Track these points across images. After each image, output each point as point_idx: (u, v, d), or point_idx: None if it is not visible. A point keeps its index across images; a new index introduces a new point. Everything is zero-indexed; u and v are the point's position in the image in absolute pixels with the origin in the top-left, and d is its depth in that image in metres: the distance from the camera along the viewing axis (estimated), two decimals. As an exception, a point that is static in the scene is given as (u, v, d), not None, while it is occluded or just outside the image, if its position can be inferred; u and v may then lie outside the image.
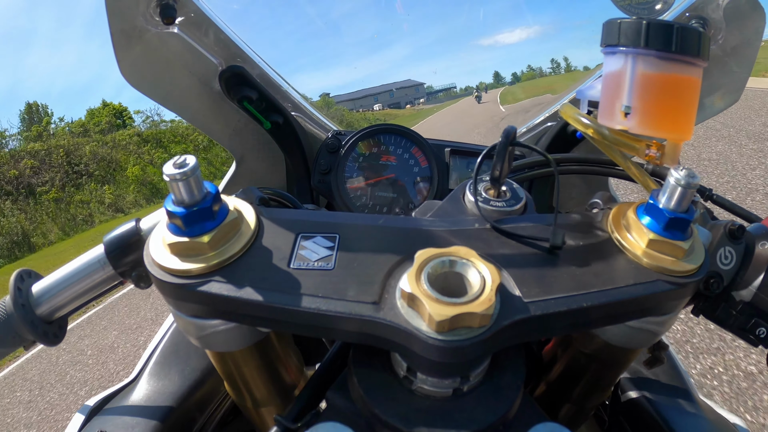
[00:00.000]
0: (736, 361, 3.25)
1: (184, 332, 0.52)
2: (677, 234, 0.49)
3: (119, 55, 0.87)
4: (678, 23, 0.48)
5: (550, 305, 0.44)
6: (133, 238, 0.60)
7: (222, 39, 1.02)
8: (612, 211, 0.55)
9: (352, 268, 0.47)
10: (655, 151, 0.52)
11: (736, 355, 3.29)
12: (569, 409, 0.67)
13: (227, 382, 0.62)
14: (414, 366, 0.43)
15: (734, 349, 3.36)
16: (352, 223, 0.52)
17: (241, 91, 1.06)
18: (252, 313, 0.45)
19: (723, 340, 3.45)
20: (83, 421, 0.69)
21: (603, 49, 0.53)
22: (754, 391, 2.96)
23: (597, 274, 0.48)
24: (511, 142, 0.53)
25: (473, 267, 0.43)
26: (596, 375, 0.62)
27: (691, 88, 0.50)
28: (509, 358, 0.48)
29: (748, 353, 3.29)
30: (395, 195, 1.22)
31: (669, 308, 0.51)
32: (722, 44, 0.87)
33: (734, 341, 3.39)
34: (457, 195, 0.60)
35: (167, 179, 0.44)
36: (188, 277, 0.45)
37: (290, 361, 0.63)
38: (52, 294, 0.61)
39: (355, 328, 0.43)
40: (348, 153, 1.23)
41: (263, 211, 0.53)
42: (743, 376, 3.11)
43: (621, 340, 0.55)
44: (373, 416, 0.44)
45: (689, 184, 0.47)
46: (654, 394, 0.75)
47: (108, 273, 0.62)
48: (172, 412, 0.71)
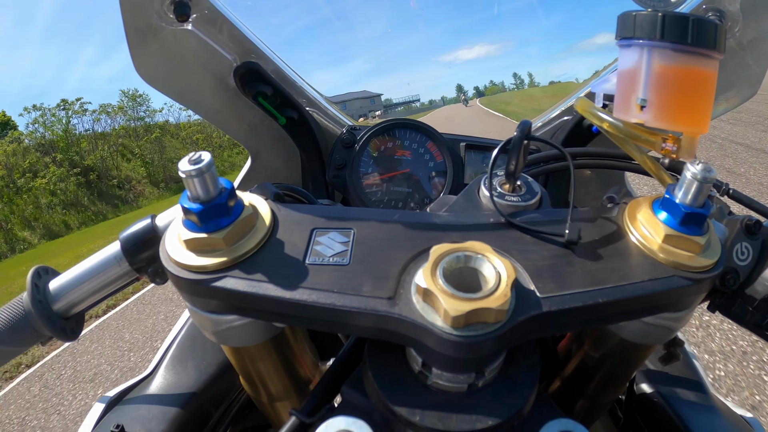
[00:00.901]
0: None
1: (200, 328, 0.53)
2: (693, 229, 0.48)
3: (134, 53, 0.88)
4: (694, 15, 0.47)
5: (566, 301, 0.44)
6: (148, 234, 0.61)
7: (236, 35, 1.03)
8: (628, 205, 0.54)
9: (368, 264, 0.47)
10: (672, 144, 0.52)
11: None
12: (584, 405, 0.67)
13: (243, 377, 0.62)
14: (429, 361, 0.44)
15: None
16: (367, 219, 0.52)
17: (256, 87, 1.06)
18: (267, 309, 0.45)
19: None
20: (101, 412, 0.71)
21: (618, 42, 0.53)
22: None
23: (612, 270, 0.48)
24: (527, 136, 0.53)
25: (488, 262, 0.43)
26: (611, 371, 0.62)
27: (707, 81, 0.50)
28: (524, 354, 0.48)
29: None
30: (410, 190, 1.22)
31: (685, 304, 0.50)
32: (739, 37, 0.86)
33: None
34: (472, 190, 0.60)
35: (183, 176, 0.44)
36: (204, 273, 0.45)
37: (305, 356, 0.64)
38: (69, 290, 0.62)
39: (371, 323, 0.44)
40: (363, 148, 1.22)
41: (278, 207, 0.53)
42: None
43: (636, 336, 0.55)
44: (389, 411, 0.44)
45: (706, 178, 0.46)
46: (669, 391, 0.75)
47: (124, 269, 0.63)
48: (188, 405, 0.72)
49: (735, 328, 3.55)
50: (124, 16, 0.84)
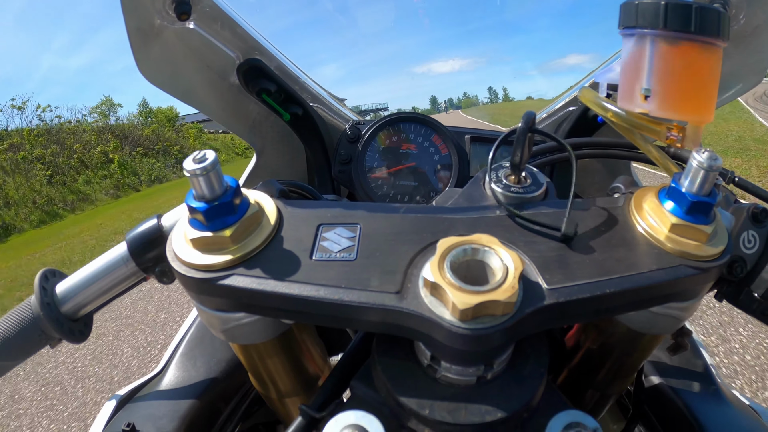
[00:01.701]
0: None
1: (208, 326, 0.53)
2: (700, 218, 0.48)
3: (137, 54, 0.88)
4: (697, 3, 0.47)
5: (573, 292, 0.44)
6: (155, 234, 0.61)
7: (238, 32, 1.02)
8: (633, 195, 0.54)
9: (375, 258, 0.47)
10: (676, 133, 0.51)
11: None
12: (592, 396, 0.67)
13: (251, 374, 0.63)
14: (438, 354, 0.44)
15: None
16: (373, 213, 0.52)
17: (260, 84, 1.07)
18: (275, 306, 0.46)
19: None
20: (113, 410, 0.71)
21: (621, 30, 0.52)
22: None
23: (619, 260, 0.48)
24: (530, 128, 0.53)
25: (495, 254, 0.43)
26: (619, 361, 0.62)
27: (711, 69, 0.49)
28: (532, 346, 0.48)
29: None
30: (416, 183, 1.22)
31: (692, 293, 0.50)
32: (744, 25, 0.85)
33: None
34: (477, 182, 0.60)
35: (188, 175, 0.45)
36: (211, 271, 0.46)
37: (314, 351, 0.64)
38: (77, 292, 0.63)
39: (379, 318, 0.44)
40: (368, 142, 1.22)
41: (284, 204, 0.53)
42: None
43: (644, 326, 0.54)
44: (398, 405, 0.44)
45: (712, 166, 0.46)
46: (677, 381, 0.75)
47: (131, 269, 0.63)
48: (198, 403, 0.72)
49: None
50: (125, 16, 0.84)
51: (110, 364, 4.30)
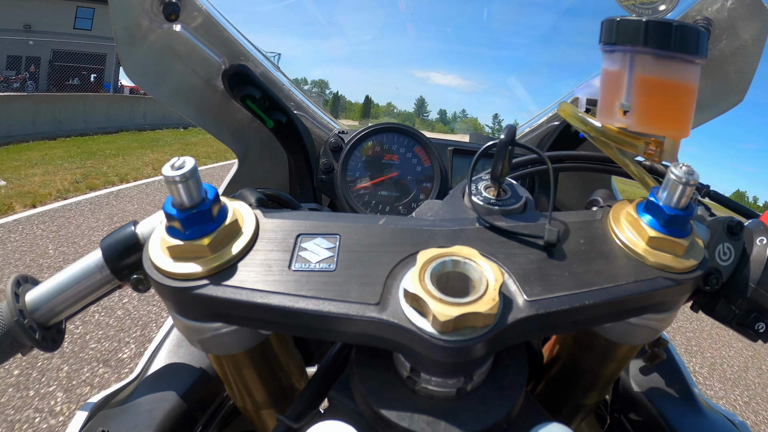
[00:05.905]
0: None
1: (184, 335, 0.52)
2: (677, 231, 0.49)
3: (123, 54, 0.88)
4: (677, 21, 0.48)
5: (553, 303, 0.44)
6: (131, 241, 0.60)
7: (225, 37, 1.02)
8: (612, 208, 0.55)
9: (354, 269, 0.47)
10: (654, 148, 0.52)
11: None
12: (569, 406, 0.67)
13: (227, 385, 0.62)
14: (418, 366, 0.44)
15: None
16: (352, 224, 0.52)
17: (244, 90, 1.06)
18: (253, 316, 0.45)
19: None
20: (86, 418, 0.70)
21: (601, 47, 0.53)
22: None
23: (598, 272, 0.48)
24: (511, 141, 0.53)
25: (476, 266, 0.44)
26: (596, 372, 0.63)
27: (689, 87, 0.50)
28: (511, 357, 0.48)
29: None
30: (398, 194, 1.22)
31: (669, 305, 0.51)
32: (726, 45, 0.87)
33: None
34: (457, 194, 0.60)
35: (165, 182, 0.44)
36: (188, 280, 0.45)
37: (291, 363, 0.63)
38: (49, 299, 0.61)
39: (359, 329, 0.43)
40: (351, 152, 1.22)
41: (263, 213, 0.53)
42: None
43: (621, 337, 0.55)
44: (377, 416, 0.44)
45: (689, 181, 0.47)
46: (653, 391, 0.75)
47: (106, 277, 0.61)
48: (173, 410, 0.71)
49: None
50: (113, 15, 0.84)
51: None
